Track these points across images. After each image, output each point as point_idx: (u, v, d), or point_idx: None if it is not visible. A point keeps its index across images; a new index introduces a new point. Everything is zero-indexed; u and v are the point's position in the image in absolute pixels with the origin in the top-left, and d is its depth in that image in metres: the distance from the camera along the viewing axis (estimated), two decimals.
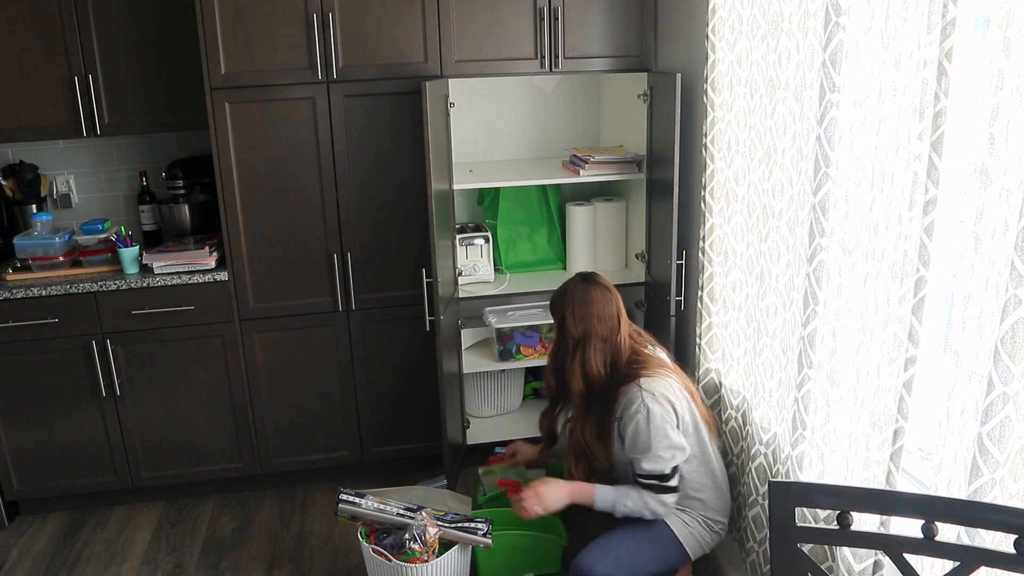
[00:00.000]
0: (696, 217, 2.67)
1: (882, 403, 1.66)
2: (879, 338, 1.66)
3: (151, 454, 3.05)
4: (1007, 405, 1.32)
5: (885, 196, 1.62)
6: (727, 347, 2.45)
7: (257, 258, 2.91)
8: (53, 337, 2.86)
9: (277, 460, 3.15)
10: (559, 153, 3.49)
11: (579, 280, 2.29)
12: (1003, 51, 1.27)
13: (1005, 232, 1.31)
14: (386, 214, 2.95)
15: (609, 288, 2.27)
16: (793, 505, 1.38)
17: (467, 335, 3.36)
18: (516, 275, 3.31)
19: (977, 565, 1.25)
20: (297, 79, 2.76)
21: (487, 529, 2.37)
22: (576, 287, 2.26)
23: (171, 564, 2.80)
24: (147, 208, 3.20)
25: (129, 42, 2.88)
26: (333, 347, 3.05)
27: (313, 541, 2.91)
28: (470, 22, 2.82)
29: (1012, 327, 1.28)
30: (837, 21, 1.69)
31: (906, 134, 1.54)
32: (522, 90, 3.40)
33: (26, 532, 3.02)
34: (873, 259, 1.68)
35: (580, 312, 2.20)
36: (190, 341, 2.94)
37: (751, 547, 2.32)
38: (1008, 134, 1.28)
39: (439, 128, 2.75)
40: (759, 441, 2.24)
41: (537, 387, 3.63)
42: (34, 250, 2.89)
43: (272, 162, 2.83)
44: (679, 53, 2.75)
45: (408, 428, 3.20)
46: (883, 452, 1.67)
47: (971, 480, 1.39)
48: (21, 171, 3.13)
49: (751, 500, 2.29)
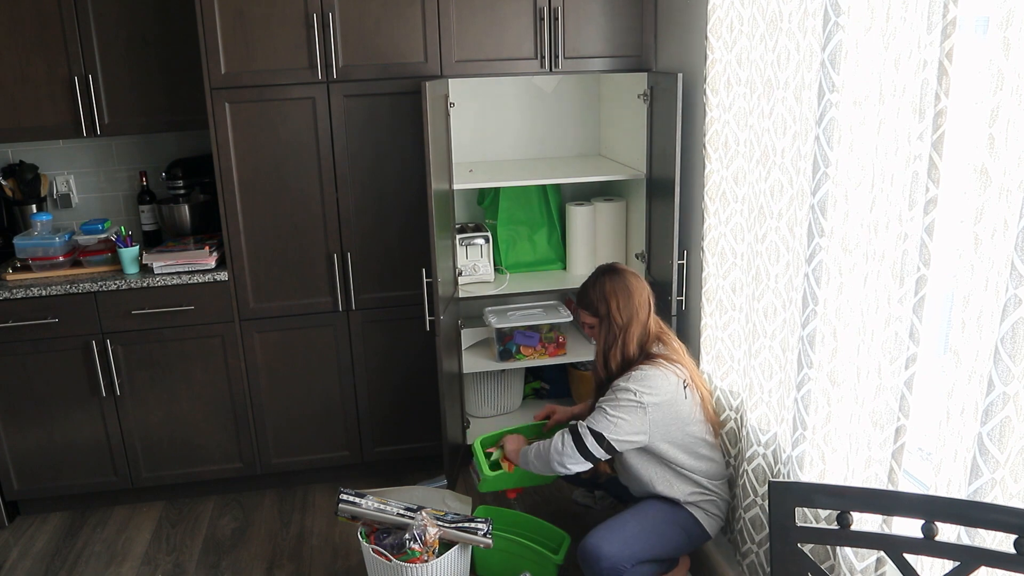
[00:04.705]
0: (696, 217, 2.67)
1: (884, 402, 1.66)
2: (880, 337, 1.66)
3: (151, 454, 3.05)
4: (1007, 405, 1.32)
5: (885, 196, 1.62)
6: (727, 347, 2.45)
7: (257, 258, 2.91)
8: (53, 337, 2.86)
9: (277, 460, 3.15)
10: (559, 153, 3.49)
11: (610, 271, 2.39)
12: (1003, 51, 1.27)
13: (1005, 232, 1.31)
14: (386, 214, 2.95)
15: (638, 275, 2.40)
16: (793, 505, 1.38)
17: (467, 335, 3.36)
18: (516, 275, 3.31)
19: (977, 565, 1.25)
20: (297, 79, 2.76)
21: (487, 529, 2.37)
22: (613, 278, 2.36)
23: (171, 564, 2.80)
24: (147, 208, 3.20)
25: (129, 42, 2.88)
26: (333, 347, 3.05)
27: (313, 541, 2.91)
28: (470, 22, 2.82)
29: (1012, 327, 1.29)
30: (836, 21, 1.70)
31: (906, 134, 1.54)
32: (522, 90, 3.40)
33: (26, 532, 3.02)
34: (874, 259, 1.68)
35: (624, 301, 2.32)
36: (190, 341, 2.94)
37: (748, 549, 2.33)
38: (1008, 134, 1.28)
39: (439, 128, 2.75)
40: (757, 442, 2.24)
41: (537, 387, 3.63)
42: (34, 250, 2.89)
43: (272, 162, 2.83)
44: (679, 53, 2.75)
45: (408, 428, 3.20)
46: (885, 451, 1.67)
47: (971, 480, 1.40)
48: (21, 171, 3.13)
49: (748, 501, 2.29)
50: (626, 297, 2.32)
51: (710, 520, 2.34)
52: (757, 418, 2.25)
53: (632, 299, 2.32)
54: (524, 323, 3.19)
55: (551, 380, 3.62)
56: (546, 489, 3.12)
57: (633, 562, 2.21)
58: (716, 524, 2.36)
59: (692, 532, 2.32)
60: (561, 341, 3.26)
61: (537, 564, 2.49)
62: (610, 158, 3.41)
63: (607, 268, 2.40)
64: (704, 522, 2.33)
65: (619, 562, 2.18)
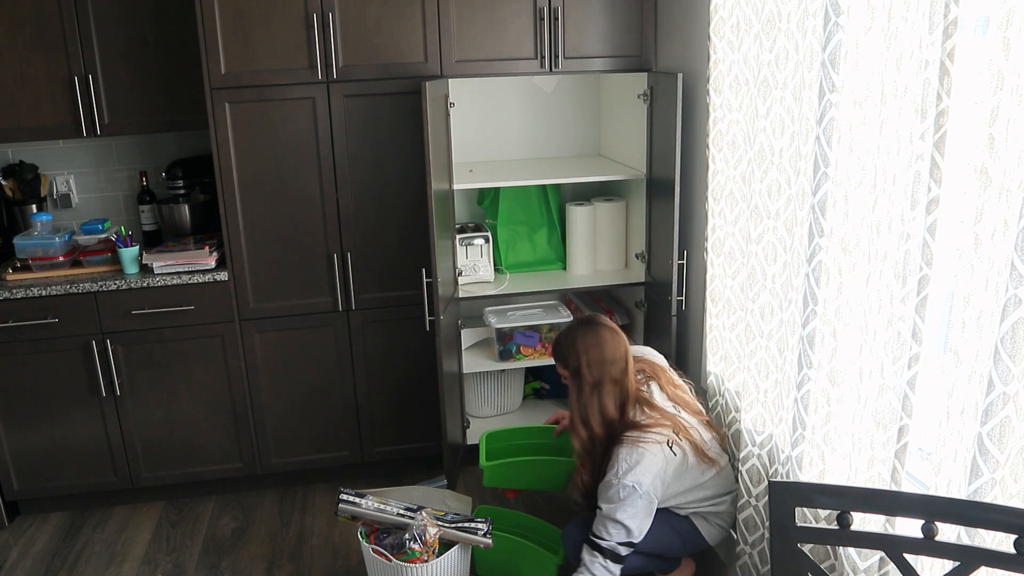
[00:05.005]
0: (696, 217, 2.67)
1: (886, 402, 1.66)
2: (883, 337, 1.66)
3: (151, 454, 3.05)
4: (1007, 405, 1.32)
5: (888, 196, 1.62)
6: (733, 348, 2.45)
7: (257, 258, 2.91)
8: (53, 337, 2.86)
9: (277, 460, 3.15)
10: (559, 153, 3.49)
11: (585, 324, 2.28)
12: (1003, 51, 1.27)
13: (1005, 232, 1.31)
14: (386, 214, 2.95)
15: (616, 329, 2.27)
16: (793, 505, 1.38)
17: (467, 335, 3.36)
18: (516, 275, 3.31)
19: (977, 565, 1.25)
20: (297, 79, 2.76)
21: (487, 529, 2.37)
22: (585, 332, 2.24)
23: (171, 564, 2.80)
24: (147, 208, 3.20)
25: (129, 42, 2.88)
26: (333, 347, 3.05)
27: (313, 541, 2.91)
28: (470, 22, 2.82)
29: (1012, 327, 1.29)
30: (836, 21, 1.70)
31: (908, 134, 1.54)
32: (522, 90, 3.40)
33: (26, 532, 3.02)
34: (876, 259, 1.68)
35: (595, 356, 2.20)
36: (190, 341, 2.94)
37: (742, 550, 2.32)
38: (1008, 134, 1.28)
39: (439, 128, 2.75)
40: (752, 443, 2.24)
41: (537, 387, 3.63)
42: (34, 250, 2.89)
43: (272, 162, 2.83)
44: (679, 53, 2.75)
45: (408, 428, 3.20)
46: (888, 450, 1.67)
47: (971, 480, 1.40)
48: (21, 171, 3.13)
49: (743, 502, 2.29)
50: (598, 353, 2.20)
51: (711, 528, 2.32)
52: (752, 418, 2.25)
53: (604, 355, 2.20)
54: (524, 323, 3.19)
55: (551, 380, 3.61)
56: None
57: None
58: (718, 533, 2.33)
59: (687, 536, 2.30)
60: None
61: (537, 564, 2.49)
62: (610, 158, 3.41)
63: (583, 320, 2.31)
64: (703, 529, 2.31)
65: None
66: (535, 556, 2.48)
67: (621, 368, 2.23)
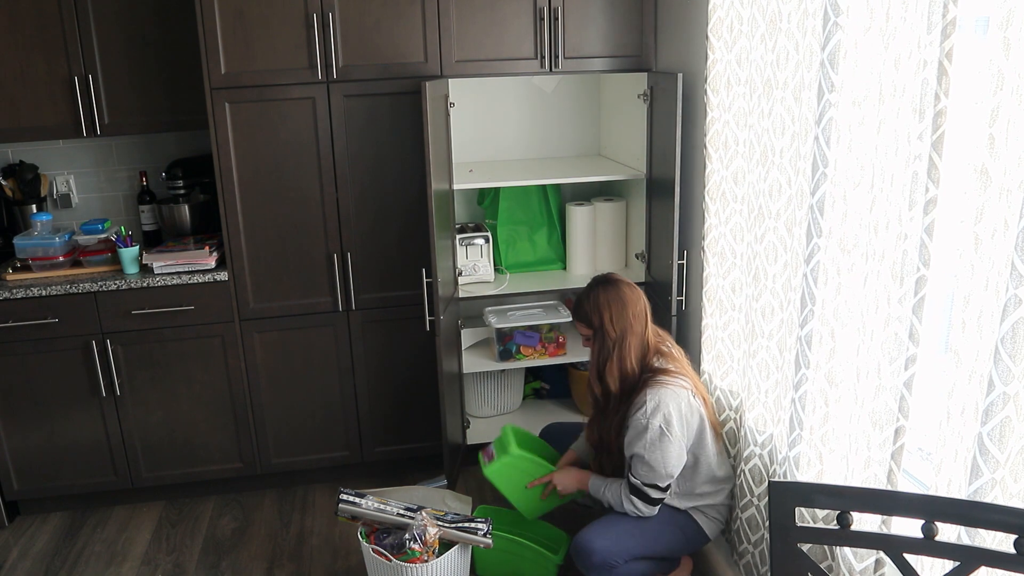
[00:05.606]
0: (696, 217, 2.67)
1: (883, 402, 1.66)
2: (880, 338, 1.66)
3: (151, 454, 3.05)
4: (1007, 405, 1.32)
5: (885, 196, 1.62)
6: (726, 348, 2.45)
7: (257, 258, 2.91)
8: (53, 337, 2.86)
9: (277, 460, 3.15)
10: (559, 153, 3.49)
11: (604, 282, 2.33)
12: (1003, 51, 1.27)
13: (1005, 232, 1.30)
14: (386, 214, 2.95)
15: (633, 285, 2.34)
16: (793, 505, 1.38)
17: (467, 335, 3.36)
18: (516, 275, 3.31)
19: (977, 565, 1.25)
20: (297, 79, 2.76)
21: (487, 529, 2.37)
22: (607, 289, 2.30)
23: (171, 564, 2.80)
24: (147, 208, 3.20)
25: (129, 42, 2.88)
26: (333, 347, 3.05)
27: (313, 541, 2.91)
28: (470, 22, 2.82)
29: (1012, 327, 1.28)
30: (836, 21, 1.70)
31: (906, 134, 1.54)
32: (522, 90, 3.40)
33: (26, 532, 3.02)
34: (873, 259, 1.68)
35: (617, 313, 2.26)
36: (190, 341, 2.94)
37: (745, 549, 2.32)
38: (1008, 134, 1.28)
39: (439, 128, 2.75)
40: (753, 442, 2.24)
41: (537, 387, 3.63)
42: (34, 250, 2.89)
43: (272, 162, 2.83)
44: (679, 53, 2.75)
45: (408, 428, 3.20)
46: (884, 451, 1.67)
47: (971, 480, 1.39)
48: (21, 171, 3.13)
49: (745, 502, 2.29)
50: (620, 308, 2.26)
51: (710, 523, 2.33)
52: (754, 418, 2.25)
53: (626, 310, 2.26)
54: (524, 323, 3.19)
55: (551, 380, 3.62)
56: None
57: (626, 558, 2.20)
58: (716, 527, 2.35)
59: (690, 534, 2.31)
60: (561, 341, 3.26)
61: (537, 564, 2.49)
62: (610, 158, 3.41)
63: (601, 279, 2.35)
64: (704, 525, 2.32)
65: (611, 557, 2.18)
66: (535, 556, 2.48)
67: (643, 323, 2.29)
